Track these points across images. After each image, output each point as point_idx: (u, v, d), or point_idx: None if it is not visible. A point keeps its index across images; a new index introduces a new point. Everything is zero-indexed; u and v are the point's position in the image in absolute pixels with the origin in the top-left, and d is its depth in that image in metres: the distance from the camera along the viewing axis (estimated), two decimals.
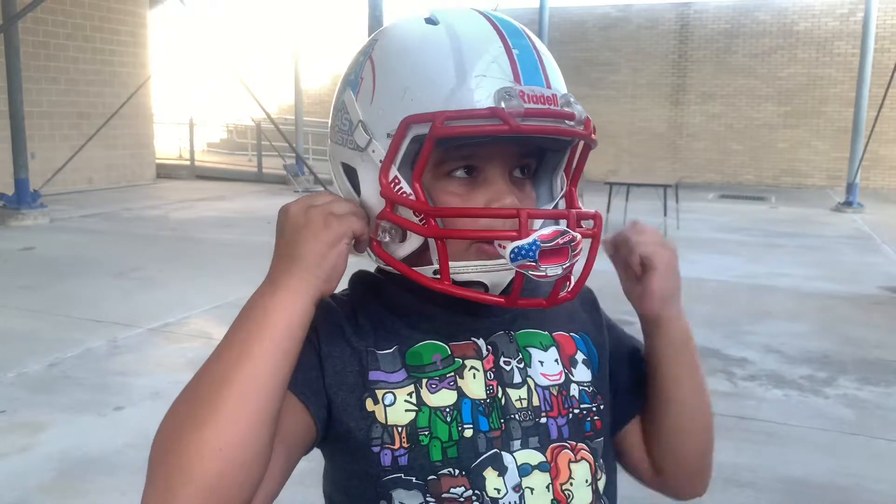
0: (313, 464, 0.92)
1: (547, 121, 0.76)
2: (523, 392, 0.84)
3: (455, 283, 0.78)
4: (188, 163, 15.56)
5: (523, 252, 0.73)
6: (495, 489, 0.80)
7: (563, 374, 0.87)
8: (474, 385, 0.83)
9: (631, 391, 0.94)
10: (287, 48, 15.98)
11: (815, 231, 9.84)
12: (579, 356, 0.89)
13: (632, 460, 0.96)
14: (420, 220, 0.77)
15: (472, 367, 0.84)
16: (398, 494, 0.80)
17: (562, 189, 0.87)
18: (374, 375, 0.82)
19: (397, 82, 0.78)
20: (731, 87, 15.87)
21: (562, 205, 0.86)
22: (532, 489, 0.81)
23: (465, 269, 0.78)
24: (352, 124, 0.81)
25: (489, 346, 0.85)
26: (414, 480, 0.80)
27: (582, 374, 0.88)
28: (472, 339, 0.85)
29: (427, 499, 0.80)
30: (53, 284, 6.16)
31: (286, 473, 0.79)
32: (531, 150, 0.84)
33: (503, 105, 0.73)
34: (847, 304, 6.06)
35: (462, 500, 0.80)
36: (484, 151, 0.80)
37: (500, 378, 0.84)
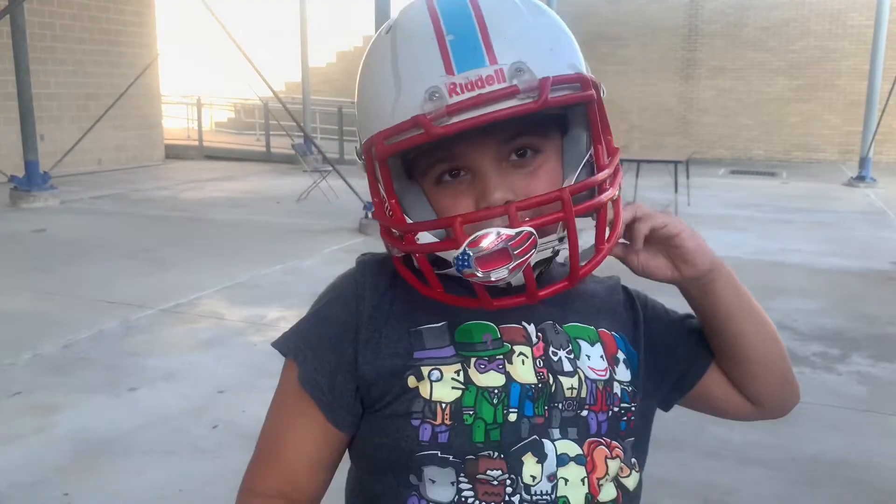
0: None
1: (481, 108, 0.70)
2: (575, 381, 0.83)
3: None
4: (196, 143, 15.56)
5: (460, 262, 0.70)
6: (531, 476, 0.79)
7: (608, 371, 0.86)
8: (523, 370, 0.81)
9: (695, 350, 0.95)
10: (294, 26, 15.86)
11: (827, 206, 9.76)
12: (620, 355, 0.88)
13: (726, 405, 0.97)
14: (400, 236, 0.78)
15: (521, 354, 0.82)
16: (430, 471, 0.79)
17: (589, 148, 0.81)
18: (419, 354, 0.81)
19: (359, 100, 0.80)
20: (742, 60, 15.67)
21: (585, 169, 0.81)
22: (567, 479, 0.80)
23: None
24: None
25: (539, 334, 0.84)
26: (451, 458, 0.78)
27: (623, 373, 0.87)
28: (523, 323, 0.83)
29: (460, 478, 0.78)
30: (65, 266, 6.18)
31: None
32: (525, 126, 0.76)
33: (427, 109, 0.70)
34: (860, 280, 6.02)
35: (496, 483, 0.78)
36: (459, 150, 0.75)
37: (550, 366, 0.82)
